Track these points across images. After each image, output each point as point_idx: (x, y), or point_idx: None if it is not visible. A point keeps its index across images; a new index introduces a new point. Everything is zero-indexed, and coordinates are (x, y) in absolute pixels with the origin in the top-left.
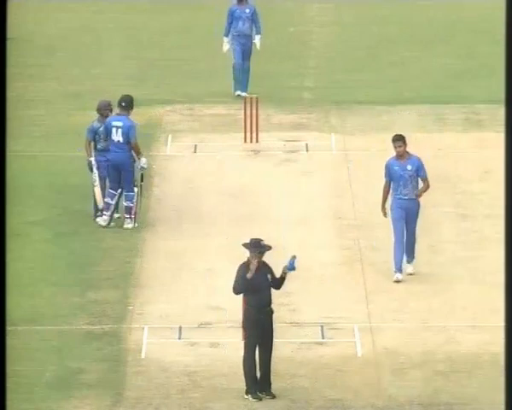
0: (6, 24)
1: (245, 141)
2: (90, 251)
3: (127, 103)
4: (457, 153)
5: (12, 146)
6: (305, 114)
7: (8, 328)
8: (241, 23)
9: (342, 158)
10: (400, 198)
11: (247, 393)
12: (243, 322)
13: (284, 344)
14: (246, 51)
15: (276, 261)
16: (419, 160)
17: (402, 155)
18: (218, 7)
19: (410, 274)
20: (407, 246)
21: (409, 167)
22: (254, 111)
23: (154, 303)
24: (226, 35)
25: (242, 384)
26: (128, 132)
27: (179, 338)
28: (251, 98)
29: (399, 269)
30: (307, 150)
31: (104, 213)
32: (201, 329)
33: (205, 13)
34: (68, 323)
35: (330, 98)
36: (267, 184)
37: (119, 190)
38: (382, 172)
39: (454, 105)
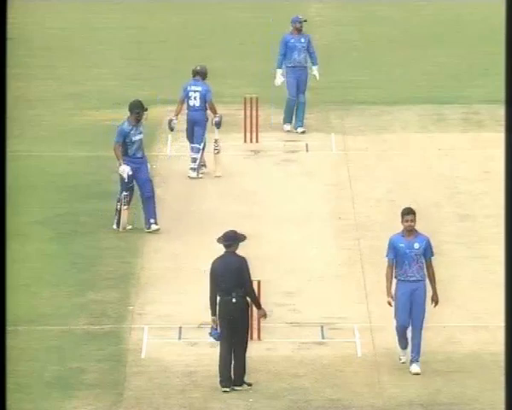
0: (6, 24)
1: (245, 141)
2: (90, 251)
3: (203, 70)
4: (457, 153)
5: (12, 146)
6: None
7: (8, 328)
8: (296, 54)
9: (342, 158)
10: (405, 280)
11: (220, 384)
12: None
13: (284, 344)
14: (301, 83)
15: (274, 261)
16: (428, 239)
17: (410, 231)
18: (219, 7)
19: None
20: (413, 344)
21: (416, 246)
22: (254, 111)
23: (154, 303)
24: (279, 67)
25: None
26: (205, 96)
27: (179, 338)
28: (251, 98)
29: (404, 347)
30: (307, 150)
31: (192, 165)
32: (201, 329)
33: (205, 13)
34: (68, 323)
35: (330, 98)
36: (267, 184)
37: (202, 144)
38: (382, 172)
39: (454, 105)
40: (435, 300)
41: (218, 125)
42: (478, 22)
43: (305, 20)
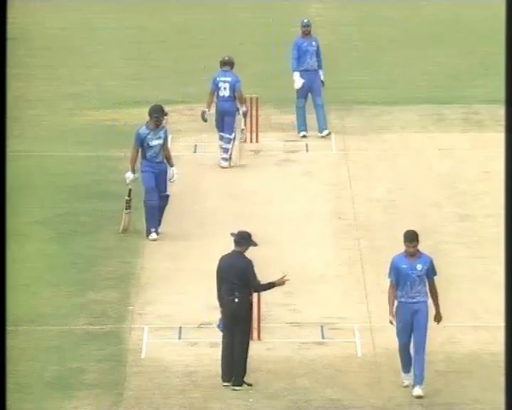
0: (6, 24)
1: (245, 141)
2: (90, 251)
3: (231, 60)
4: (457, 153)
5: (12, 146)
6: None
7: (8, 328)
8: (308, 57)
9: (342, 158)
10: (406, 302)
11: (221, 378)
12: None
13: (284, 344)
14: (315, 87)
15: (274, 261)
16: (431, 260)
17: (413, 254)
18: (218, 7)
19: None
20: (415, 367)
21: (419, 267)
22: (254, 111)
23: (154, 303)
24: (296, 69)
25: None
26: (235, 86)
27: (179, 338)
28: (251, 98)
29: (408, 370)
30: (307, 150)
31: (223, 156)
32: (201, 329)
33: (205, 13)
34: (68, 323)
35: (330, 98)
36: (267, 184)
37: (233, 134)
38: (382, 172)
39: (454, 105)
40: (438, 319)
41: (245, 115)
42: (478, 22)
43: (310, 25)
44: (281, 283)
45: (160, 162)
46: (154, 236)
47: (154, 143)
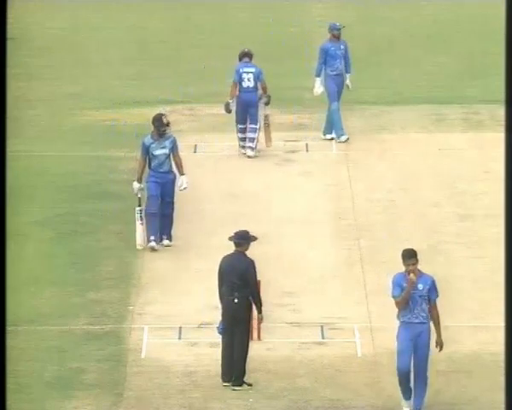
0: (6, 24)
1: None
2: (90, 251)
3: (251, 52)
4: (457, 153)
5: (12, 146)
6: (305, 114)
7: (8, 328)
8: (338, 61)
9: (342, 158)
10: (409, 322)
11: (221, 378)
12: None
13: (284, 344)
14: (339, 91)
15: (274, 261)
16: (432, 279)
17: (413, 273)
18: (218, 7)
19: None
20: (416, 392)
21: (420, 286)
22: None
23: (154, 303)
24: (318, 75)
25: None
26: (258, 76)
27: (179, 338)
28: None
29: (408, 398)
30: (307, 150)
31: (250, 145)
32: (201, 329)
33: (205, 13)
34: (68, 323)
35: None
36: (267, 184)
37: (259, 124)
38: (382, 172)
39: (454, 105)
40: (440, 344)
41: (268, 103)
42: (478, 22)
43: (344, 26)
44: (259, 318)
45: (166, 172)
46: (152, 244)
47: (158, 152)
